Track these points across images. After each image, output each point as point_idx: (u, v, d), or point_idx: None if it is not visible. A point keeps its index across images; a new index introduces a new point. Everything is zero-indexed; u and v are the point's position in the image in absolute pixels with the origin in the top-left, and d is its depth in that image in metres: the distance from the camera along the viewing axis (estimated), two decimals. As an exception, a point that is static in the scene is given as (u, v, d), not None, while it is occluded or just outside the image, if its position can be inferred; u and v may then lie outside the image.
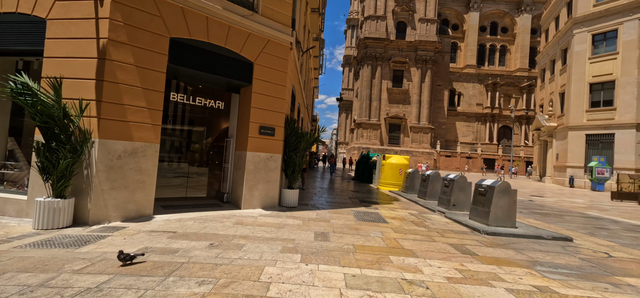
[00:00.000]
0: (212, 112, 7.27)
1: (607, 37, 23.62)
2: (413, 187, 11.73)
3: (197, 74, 6.01)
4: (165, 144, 6.83)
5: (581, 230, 7.08)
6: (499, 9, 59.16)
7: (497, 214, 6.32)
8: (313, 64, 20.14)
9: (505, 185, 6.37)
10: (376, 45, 50.83)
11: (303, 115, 14.57)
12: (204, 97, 6.74)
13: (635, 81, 21.95)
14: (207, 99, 6.75)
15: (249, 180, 6.47)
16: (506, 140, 54.67)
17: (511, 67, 58.28)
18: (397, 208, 8.43)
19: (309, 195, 9.85)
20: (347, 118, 79.50)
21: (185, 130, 7.17)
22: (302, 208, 7.16)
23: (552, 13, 30.89)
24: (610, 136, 22.93)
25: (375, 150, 44.54)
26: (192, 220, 5.23)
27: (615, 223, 8.47)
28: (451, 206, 8.13)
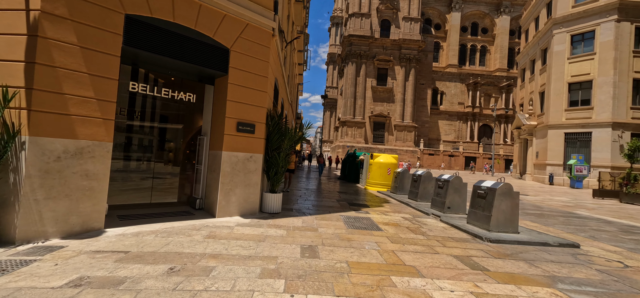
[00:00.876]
0: (184, 106, 6.36)
1: (585, 38, 24.21)
2: (403, 188, 11.22)
3: (163, 60, 5.11)
4: (127, 142, 5.87)
5: (581, 233, 6.73)
6: (479, 10, 60.38)
7: (499, 219, 5.82)
8: (297, 59, 19.33)
9: (507, 187, 5.88)
10: (361, 42, 50.52)
11: (287, 112, 13.76)
12: (173, 89, 5.83)
13: (611, 81, 22.59)
14: (176, 91, 5.85)
15: (225, 184, 5.63)
16: (486, 139, 55.95)
17: (491, 67, 59.67)
18: (388, 211, 7.83)
19: (294, 197, 9.09)
20: (331, 116, 79.07)
21: (152, 126, 6.22)
22: (287, 214, 6.40)
23: (532, 14, 31.51)
24: (588, 134, 23.54)
25: (360, 149, 44.27)
26: (153, 233, 4.36)
27: (610, 224, 8.25)
28: (446, 209, 7.61)
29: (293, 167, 10.46)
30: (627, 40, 22.49)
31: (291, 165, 10.23)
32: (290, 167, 10.23)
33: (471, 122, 56.01)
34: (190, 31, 5.17)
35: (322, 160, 20.04)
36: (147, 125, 6.05)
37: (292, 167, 10.38)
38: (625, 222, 8.71)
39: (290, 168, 10.32)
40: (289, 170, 10.27)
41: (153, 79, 5.72)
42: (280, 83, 9.33)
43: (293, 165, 10.44)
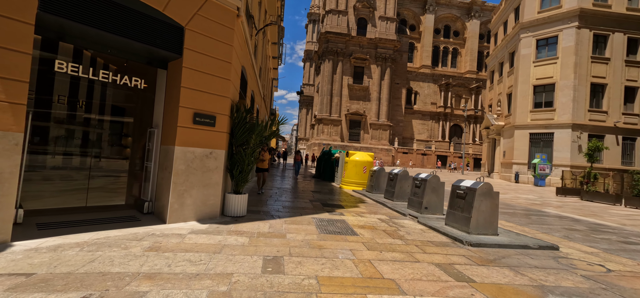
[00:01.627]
0: (132, 94, 5.46)
1: (549, 43, 25.43)
2: (379, 187, 10.86)
3: (99, 36, 4.23)
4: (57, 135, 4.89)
5: (556, 233, 6.65)
6: (451, 13, 62.30)
7: (479, 220, 5.53)
8: (271, 52, 18.48)
9: (487, 187, 5.60)
10: (337, 40, 50.28)
11: (259, 106, 12.95)
12: (115, 72, 4.93)
13: (571, 85, 23.89)
14: (119, 74, 4.95)
15: (178, 184, 4.85)
16: (457, 138, 58.01)
17: (462, 69, 61.86)
18: (364, 212, 7.37)
19: (263, 198, 8.39)
20: (307, 113, 78.40)
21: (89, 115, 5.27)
22: (253, 218, 5.71)
23: (501, 18, 32.75)
24: (550, 135, 24.77)
25: (336, 147, 44.07)
26: (77, 246, 3.52)
27: (578, 223, 8.36)
28: (423, 209, 7.29)
29: (267, 166, 9.28)
30: (586, 46, 23.87)
31: (264, 164, 9.11)
32: (264, 166, 9.13)
33: (443, 122, 57.76)
34: (134, 2, 4.33)
35: (300, 157, 18.00)
36: (83, 114, 5.09)
37: (266, 166, 9.22)
38: (591, 220, 8.89)
39: (264, 168, 9.21)
40: (263, 170, 9.17)
41: (89, 58, 4.79)
42: (249, 73, 8.56)
43: (266, 163, 9.22)
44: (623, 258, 4.92)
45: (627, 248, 5.74)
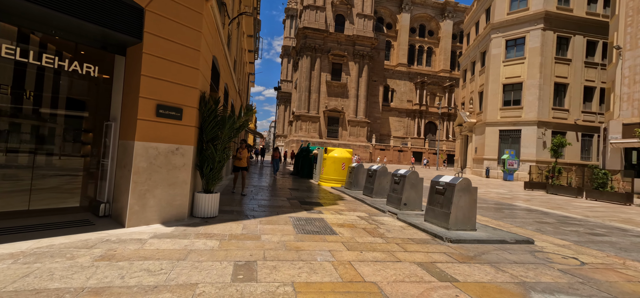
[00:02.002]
0: (87, 82, 4.86)
1: (517, 43, 26.60)
2: (357, 183, 10.74)
3: (43, 14, 3.66)
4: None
5: (529, 227, 6.81)
6: (426, 13, 63.85)
7: (458, 216, 5.49)
8: (247, 45, 17.83)
9: (466, 182, 5.57)
10: (315, 36, 49.94)
11: (234, 100, 12.39)
12: (62, 57, 4.34)
13: (537, 84, 25.16)
14: (67, 60, 4.36)
15: (140, 184, 4.37)
16: (431, 135, 59.76)
17: (436, 68, 63.69)
18: (343, 209, 7.17)
19: (238, 197, 7.96)
20: (285, 110, 77.53)
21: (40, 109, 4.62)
22: (225, 218, 5.32)
23: (473, 18, 33.89)
24: (518, 132, 26.00)
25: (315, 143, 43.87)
26: (11, 258, 3.01)
27: (547, 216, 8.68)
28: (402, 205, 7.21)
29: (245, 164, 8.33)
30: (551, 48, 25.21)
31: (243, 162, 8.27)
32: (242, 164, 8.28)
33: (418, 119, 59.23)
34: (84, -23, 3.79)
35: (278, 154, 16.14)
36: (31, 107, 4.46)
37: (245, 164, 8.31)
38: (558, 213, 9.28)
39: (243, 166, 8.32)
40: (241, 169, 8.33)
41: (38, 43, 4.17)
42: (222, 64, 8.07)
43: (245, 161, 8.32)
44: (593, 250, 5.06)
45: (595, 239, 5.95)
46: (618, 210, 10.65)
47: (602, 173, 13.04)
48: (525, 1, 26.32)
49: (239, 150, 8.36)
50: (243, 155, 8.36)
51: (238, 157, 8.33)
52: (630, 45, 16.27)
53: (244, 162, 8.39)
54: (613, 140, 16.55)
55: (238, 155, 8.32)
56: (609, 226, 7.52)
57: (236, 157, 8.40)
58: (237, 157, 8.35)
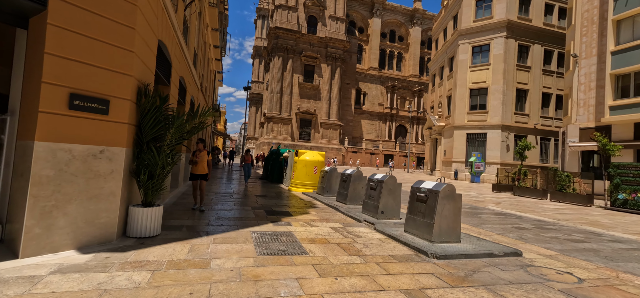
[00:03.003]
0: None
1: (482, 50, 27.62)
2: (330, 189, 10.03)
3: None
4: None
5: (510, 234, 6.48)
6: (396, 19, 65.39)
7: (442, 226, 4.93)
8: (212, 40, 16.55)
9: (450, 189, 5.03)
10: (287, 36, 49.01)
11: (194, 97, 11.18)
12: None
13: (501, 89, 26.23)
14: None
15: (42, 198, 3.28)
16: (402, 138, 61.06)
17: (406, 73, 65.34)
18: (315, 220, 6.39)
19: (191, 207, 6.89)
20: (257, 112, 75.53)
21: None
22: (169, 238, 4.32)
23: (441, 25, 34.89)
24: (484, 135, 26.92)
25: (286, 146, 42.78)
26: None
27: (523, 220, 8.53)
28: (379, 214, 6.58)
29: (205, 170, 6.56)
30: (513, 55, 26.43)
31: (201, 167, 6.50)
32: (199, 171, 6.49)
33: (389, 123, 60.25)
34: None
35: (250, 158, 12.98)
36: None
37: (203, 170, 6.52)
38: (532, 217, 9.20)
39: (201, 173, 6.53)
40: (199, 177, 6.52)
41: None
42: (175, 54, 6.98)
43: (204, 166, 6.53)
44: (581, 260, 4.72)
45: (577, 247, 5.69)
46: (583, 212, 10.91)
47: (564, 176, 13.48)
48: (490, 10, 27.43)
49: (196, 153, 6.56)
50: (201, 159, 6.52)
51: (194, 162, 6.52)
52: (585, 53, 17.24)
53: (202, 167, 6.52)
54: (571, 143, 17.39)
55: (195, 159, 6.50)
56: (583, 230, 7.45)
57: (193, 161, 6.57)
58: (194, 161, 6.53)
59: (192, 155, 6.65)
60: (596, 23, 16.81)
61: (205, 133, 19.03)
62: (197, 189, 6.63)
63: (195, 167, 6.57)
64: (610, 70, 15.31)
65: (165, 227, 4.83)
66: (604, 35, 16.32)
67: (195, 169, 6.58)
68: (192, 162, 6.61)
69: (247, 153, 13.12)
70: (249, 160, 12.72)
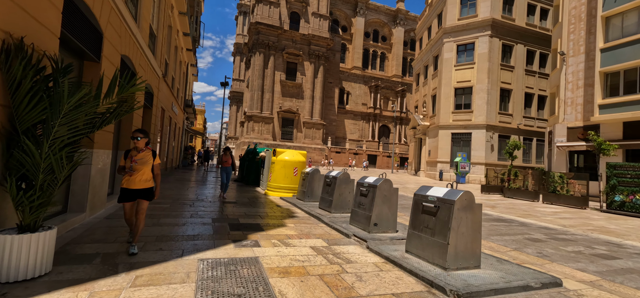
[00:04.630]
0: None
1: (467, 49, 27.23)
2: (312, 193, 8.71)
3: None
4: None
5: (526, 249, 5.40)
6: (379, 19, 65.08)
7: (459, 248, 3.73)
8: (181, 26, 14.80)
9: (468, 198, 3.84)
10: (269, 32, 47.25)
11: (152, 85, 9.52)
12: None
13: (485, 88, 25.90)
14: None
15: None
16: (385, 138, 60.72)
17: (389, 73, 65.15)
18: (292, 236, 5.04)
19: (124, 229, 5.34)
20: (237, 111, 73.04)
21: None
22: (60, 281, 2.83)
23: (425, 23, 34.45)
24: (469, 135, 26.52)
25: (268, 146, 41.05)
26: None
27: (528, 227, 7.56)
28: (372, 226, 5.33)
29: (151, 184, 3.91)
30: (497, 54, 26.18)
31: (140, 179, 3.78)
32: (141, 185, 3.80)
33: (373, 123, 59.74)
34: None
35: (230, 159, 9.33)
36: None
37: (146, 183, 3.83)
38: (536, 223, 8.29)
39: (140, 188, 3.80)
40: (141, 194, 3.80)
41: None
42: (114, 25, 5.40)
43: (147, 177, 3.83)
44: (630, 288, 3.65)
45: (613, 266, 4.65)
46: (582, 215, 10.20)
47: (557, 176, 12.85)
48: (474, 8, 27.10)
49: (131, 155, 3.78)
50: (143, 164, 3.78)
51: (127, 170, 3.75)
52: (573, 51, 16.89)
53: (142, 178, 3.77)
54: (559, 143, 16.99)
55: (127, 165, 3.76)
56: (599, 240, 6.54)
57: (124, 168, 3.80)
58: (126, 168, 3.76)
59: (125, 156, 3.81)
60: (584, 20, 16.48)
61: (175, 130, 17.17)
62: (133, 216, 3.85)
63: (128, 178, 3.73)
64: (599, 68, 14.94)
65: (67, 259, 3.33)
66: (592, 33, 15.99)
67: (129, 182, 3.72)
68: (124, 169, 3.77)
69: (226, 152, 9.33)
70: (228, 162, 9.16)
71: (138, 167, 3.76)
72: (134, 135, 3.73)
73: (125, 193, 3.79)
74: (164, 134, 13.44)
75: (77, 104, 2.98)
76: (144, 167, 3.81)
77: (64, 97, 2.89)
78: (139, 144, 3.78)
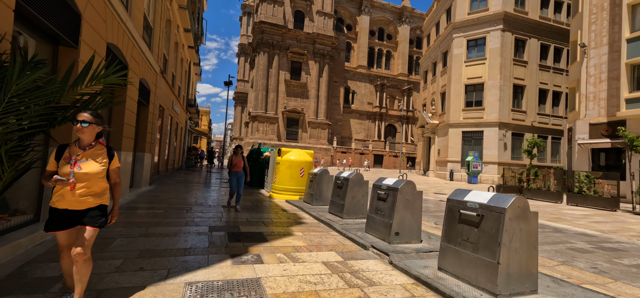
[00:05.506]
0: None
1: (478, 44, 26.26)
2: (321, 196, 7.98)
3: None
4: None
5: (577, 262, 4.60)
6: (384, 17, 64.15)
7: (511, 267, 2.97)
8: (182, 22, 14.21)
9: (522, 205, 3.08)
10: (273, 31, 46.69)
11: (147, 82, 8.89)
12: None
13: (498, 85, 24.91)
14: None
15: None
16: (391, 138, 59.74)
17: (395, 72, 64.16)
18: (300, 247, 4.32)
19: (115, 231, 4.68)
20: (242, 112, 72.75)
21: None
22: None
23: (433, 19, 33.50)
24: (480, 133, 25.54)
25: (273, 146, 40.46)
26: None
27: (563, 233, 6.72)
28: (393, 235, 4.58)
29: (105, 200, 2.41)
30: (510, 49, 25.17)
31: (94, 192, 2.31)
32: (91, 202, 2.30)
33: (379, 122, 58.82)
34: None
35: (242, 161, 7.45)
36: None
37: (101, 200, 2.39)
38: (571, 229, 7.44)
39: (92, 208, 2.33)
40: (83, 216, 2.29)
41: None
42: (98, 9, 4.75)
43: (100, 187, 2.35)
44: None
45: (691, 285, 3.84)
46: (616, 219, 9.31)
47: (584, 176, 11.92)
48: (485, 1, 26.13)
49: (71, 154, 2.26)
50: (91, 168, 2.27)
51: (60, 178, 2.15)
52: (595, 43, 15.91)
53: (89, 192, 2.28)
54: (580, 140, 16.01)
55: (63, 171, 2.20)
56: (652, 248, 5.70)
57: (52, 175, 2.20)
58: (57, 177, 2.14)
59: (58, 155, 2.25)
60: (607, 9, 15.48)
61: (176, 130, 16.60)
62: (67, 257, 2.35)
63: (66, 192, 2.22)
64: (625, 59, 13.95)
65: (18, 285, 2.64)
66: (616, 23, 15.00)
67: (64, 197, 2.23)
68: (53, 177, 2.15)
69: (237, 152, 7.33)
70: (240, 166, 7.23)
71: (80, 176, 2.20)
72: (76, 118, 2.21)
73: (58, 216, 2.22)
74: (164, 134, 12.84)
75: (30, 87, 2.29)
76: (92, 174, 2.26)
77: (12, 76, 2.20)
78: (83, 134, 2.22)
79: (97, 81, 2.68)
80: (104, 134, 2.50)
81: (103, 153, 2.40)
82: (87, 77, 2.64)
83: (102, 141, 2.46)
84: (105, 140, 2.45)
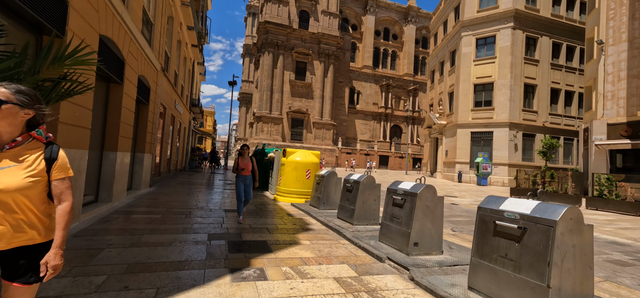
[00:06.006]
0: None
1: (487, 42, 25.60)
2: (328, 199, 7.51)
3: None
4: None
5: (622, 278, 4.08)
6: (390, 16, 63.52)
7: (564, 290, 2.48)
8: (185, 19, 13.88)
9: (576, 216, 2.59)
10: (278, 31, 46.40)
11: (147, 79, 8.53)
12: None
13: (508, 84, 24.22)
14: None
15: None
16: (397, 139, 59.05)
17: (400, 72, 63.47)
18: (308, 259, 3.87)
19: (103, 239, 4.27)
20: (247, 112, 72.64)
21: None
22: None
23: (440, 18, 32.87)
24: (490, 134, 24.86)
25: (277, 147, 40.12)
26: None
27: (595, 243, 6.17)
28: (412, 246, 4.10)
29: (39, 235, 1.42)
30: (520, 47, 24.47)
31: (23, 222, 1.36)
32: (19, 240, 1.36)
33: (384, 122, 58.18)
34: None
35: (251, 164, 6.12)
36: None
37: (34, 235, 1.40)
38: (603, 237, 6.87)
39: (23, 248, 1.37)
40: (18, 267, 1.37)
41: None
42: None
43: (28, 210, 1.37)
44: None
45: None
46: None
47: (605, 179, 11.29)
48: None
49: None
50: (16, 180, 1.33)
51: None
52: (613, 39, 15.22)
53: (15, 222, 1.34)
54: (598, 141, 15.32)
55: None
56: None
57: None
58: None
59: None
60: (626, 4, 14.80)
61: (179, 130, 16.27)
62: None
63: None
64: (647, 56, 13.26)
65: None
66: (636, 18, 14.31)
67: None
68: None
69: (242, 153, 6.14)
70: (248, 169, 6.05)
71: None
72: None
73: None
74: (166, 134, 12.49)
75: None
76: (10, 190, 1.32)
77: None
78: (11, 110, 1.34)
79: (61, 64, 2.26)
80: (42, 122, 1.48)
81: (36, 154, 1.41)
82: (48, 58, 2.23)
83: (40, 136, 1.45)
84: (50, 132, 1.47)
